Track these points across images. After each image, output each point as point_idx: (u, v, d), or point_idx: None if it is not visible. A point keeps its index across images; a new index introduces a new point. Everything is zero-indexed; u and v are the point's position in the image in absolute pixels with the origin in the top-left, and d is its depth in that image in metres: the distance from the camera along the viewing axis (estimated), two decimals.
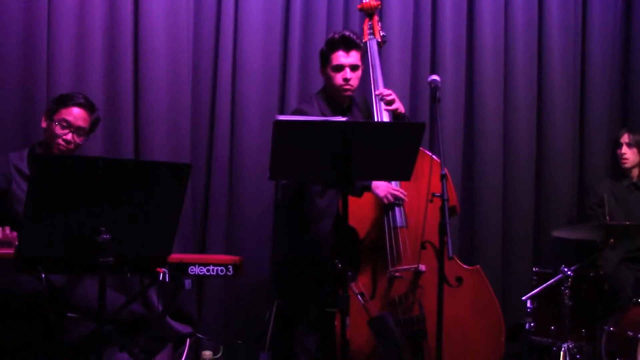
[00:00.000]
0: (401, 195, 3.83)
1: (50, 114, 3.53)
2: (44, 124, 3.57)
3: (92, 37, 4.37)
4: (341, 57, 3.92)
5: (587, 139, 5.28)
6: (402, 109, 4.03)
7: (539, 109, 5.21)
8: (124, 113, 4.44)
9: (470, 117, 5.10)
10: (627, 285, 4.35)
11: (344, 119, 3.50)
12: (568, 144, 5.21)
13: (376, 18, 4.25)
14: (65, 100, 3.54)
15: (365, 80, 4.17)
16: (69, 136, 3.49)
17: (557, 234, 4.49)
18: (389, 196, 3.81)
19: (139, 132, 4.50)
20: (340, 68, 3.92)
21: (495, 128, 5.08)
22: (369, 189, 3.82)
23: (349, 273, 3.73)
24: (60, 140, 3.48)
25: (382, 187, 3.82)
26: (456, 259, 3.90)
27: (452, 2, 5.04)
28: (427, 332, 3.72)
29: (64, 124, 3.48)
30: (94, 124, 3.62)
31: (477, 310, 3.85)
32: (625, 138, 4.72)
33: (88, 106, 3.56)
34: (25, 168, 3.50)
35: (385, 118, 3.99)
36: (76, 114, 3.51)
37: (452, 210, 3.99)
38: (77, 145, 3.54)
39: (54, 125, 3.49)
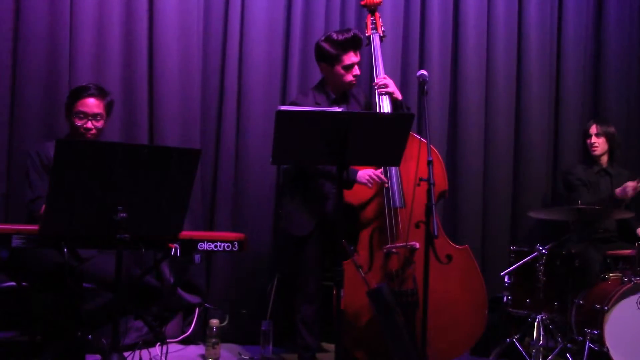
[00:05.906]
0: (382, 179, 3.78)
1: (68, 109, 3.62)
2: (66, 119, 3.66)
3: (111, 34, 4.37)
4: (352, 57, 3.86)
5: (561, 128, 5.24)
6: (398, 95, 3.99)
7: (517, 102, 5.17)
8: (140, 103, 4.44)
9: (455, 109, 5.06)
10: (595, 262, 4.34)
11: (340, 109, 3.48)
12: (543, 133, 5.18)
13: (378, 14, 4.18)
14: (78, 94, 3.60)
15: (369, 70, 4.13)
16: (89, 124, 3.55)
17: (532, 215, 4.49)
18: (370, 180, 3.75)
19: (153, 120, 4.49)
20: (351, 67, 3.88)
21: (477, 119, 5.05)
22: (355, 181, 3.78)
23: (351, 247, 3.73)
24: (82, 130, 3.54)
25: (364, 175, 3.77)
26: (447, 238, 3.89)
27: (439, 2, 4.99)
28: (419, 304, 3.71)
29: (81, 115, 3.56)
30: (109, 107, 3.67)
31: (464, 285, 3.83)
32: (593, 129, 4.71)
33: (99, 94, 3.61)
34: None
35: (387, 107, 3.94)
36: (90, 103, 3.56)
37: (442, 194, 3.98)
38: (100, 130, 3.58)
39: (73, 118, 3.58)
